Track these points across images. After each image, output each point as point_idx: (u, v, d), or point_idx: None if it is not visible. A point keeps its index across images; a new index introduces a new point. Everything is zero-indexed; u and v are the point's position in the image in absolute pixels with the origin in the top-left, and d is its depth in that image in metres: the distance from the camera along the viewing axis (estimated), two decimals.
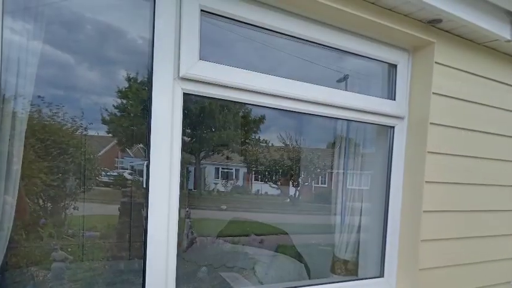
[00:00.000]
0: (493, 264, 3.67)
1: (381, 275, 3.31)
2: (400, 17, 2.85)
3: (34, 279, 5.48)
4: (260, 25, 2.50)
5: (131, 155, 10.30)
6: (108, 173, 9.64)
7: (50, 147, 6.38)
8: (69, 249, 6.39)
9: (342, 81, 3.50)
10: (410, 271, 3.20)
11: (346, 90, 3.23)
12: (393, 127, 3.22)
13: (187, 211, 8.14)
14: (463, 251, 3.42)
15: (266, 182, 16.91)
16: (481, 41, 3.26)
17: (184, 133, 2.32)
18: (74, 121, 7.07)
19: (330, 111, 2.85)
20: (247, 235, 9.24)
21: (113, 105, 8.30)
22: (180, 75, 2.22)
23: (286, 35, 2.63)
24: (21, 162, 2.16)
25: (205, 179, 15.40)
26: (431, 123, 3.06)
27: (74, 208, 6.99)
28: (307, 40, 2.72)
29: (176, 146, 2.26)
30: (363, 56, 3.01)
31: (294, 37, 2.67)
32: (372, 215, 3.55)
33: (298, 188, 15.85)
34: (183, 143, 2.31)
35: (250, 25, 2.49)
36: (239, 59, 2.59)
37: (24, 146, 2.17)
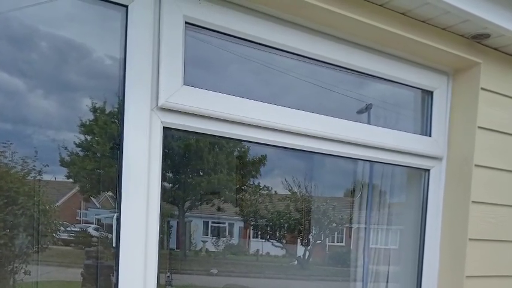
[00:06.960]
0: None
1: None
2: (437, 31, 2.85)
3: None
4: (261, 42, 2.49)
5: (97, 205, 10.28)
6: (68, 228, 9.62)
7: None
8: None
9: (364, 112, 3.50)
10: None
11: (369, 123, 3.22)
12: (428, 170, 3.21)
13: (168, 276, 8.13)
14: None
15: (268, 240, 16.89)
16: None
17: (164, 178, 2.29)
18: (26, 163, 7.03)
19: (348, 151, 2.83)
20: None
21: (75, 143, 8.28)
22: (159, 105, 2.20)
23: (294, 54, 2.63)
24: None
25: (190, 236, 15.36)
26: (476, 165, 3.03)
27: (25, 272, 6.91)
28: (320, 60, 2.72)
29: (154, 194, 2.23)
30: (390, 81, 3.01)
31: (304, 57, 2.66)
32: (401, 281, 3.51)
33: (309, 247, 15.82)
34: (163, 190, 2.29)
35: (248, 41, 2.48)
36: (234, 84, 2.59)
37: None
